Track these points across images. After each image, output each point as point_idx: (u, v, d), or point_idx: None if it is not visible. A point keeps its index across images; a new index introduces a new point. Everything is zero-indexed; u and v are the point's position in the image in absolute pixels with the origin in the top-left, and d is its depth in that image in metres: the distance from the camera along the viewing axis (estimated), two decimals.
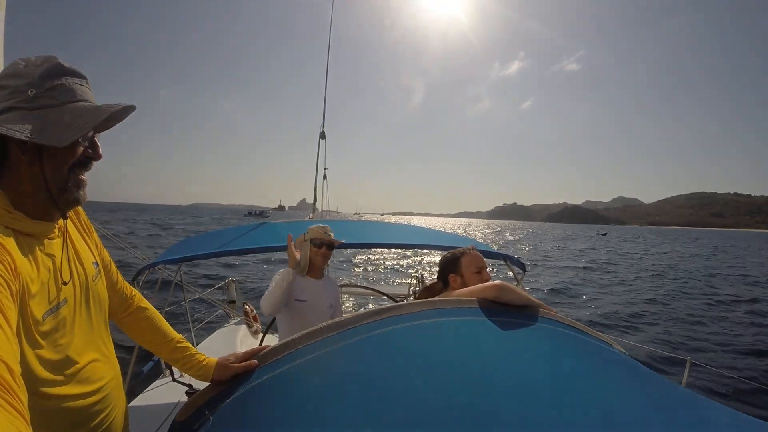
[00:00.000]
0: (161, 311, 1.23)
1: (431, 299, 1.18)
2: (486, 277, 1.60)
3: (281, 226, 3.23)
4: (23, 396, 0.47)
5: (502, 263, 3.21)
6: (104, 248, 1.08)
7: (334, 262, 14.74)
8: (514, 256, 3.20)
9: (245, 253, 2.77)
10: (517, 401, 0.76)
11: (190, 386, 1.33)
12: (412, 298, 4.19)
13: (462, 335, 1.03)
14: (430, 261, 19.80)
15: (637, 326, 8.67)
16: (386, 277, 15.08)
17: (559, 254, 28.35)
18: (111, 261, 1.09)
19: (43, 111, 0.75)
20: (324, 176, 5.34)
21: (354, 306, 7.75)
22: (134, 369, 2.43)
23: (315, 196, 5.03)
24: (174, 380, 1.67)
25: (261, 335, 3.22)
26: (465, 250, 1.68)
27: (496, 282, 1.21)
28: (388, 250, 22.51)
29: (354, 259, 19.84)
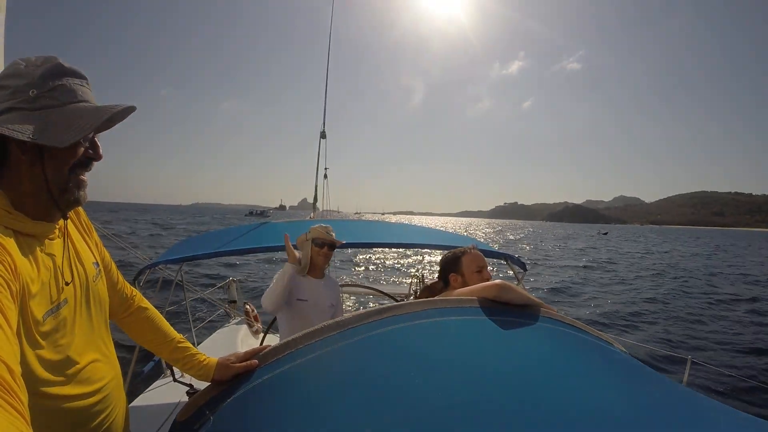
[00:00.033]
0: (162, 311, 1.23)
1: (432, 298, 1.18)
2: (487, 277, 1.60)
3: (282, 226, 3.23)
4: (23, 396, 0.47)
5: (503, 262, 3.20)
6: (104, 248, 1.08)
7: (336, 262, 14.75)
8: (515, 256, 3.20)
9: (246, 253, 2.77)
10: (518, 400, 0.76)
11: (191, 386, 1.33)
12: (413, 298, 4.19)
13: (463, 334, 1.03)
14: (431, 260, 19.80)
15: (638, 325, 8.67)
16: (387, 277, 15.08)
17: (560, 253, 28.34)
18: (111, 261, 1.09)
19: (44, 111, 0.75)
20: (325, 176, 5.34)
21: (354, 305, 7.74)
22: (135, 369, 2.44)
23: (315, 196, 5.02)
24: (175, 380, 1.67)
25: (262, 335, 3.22)
26: (466, 250, 1.69)
27: (497, 281, 1.21)
28: (389, 250, 22.51)
29: (355, 258, 19.85)
